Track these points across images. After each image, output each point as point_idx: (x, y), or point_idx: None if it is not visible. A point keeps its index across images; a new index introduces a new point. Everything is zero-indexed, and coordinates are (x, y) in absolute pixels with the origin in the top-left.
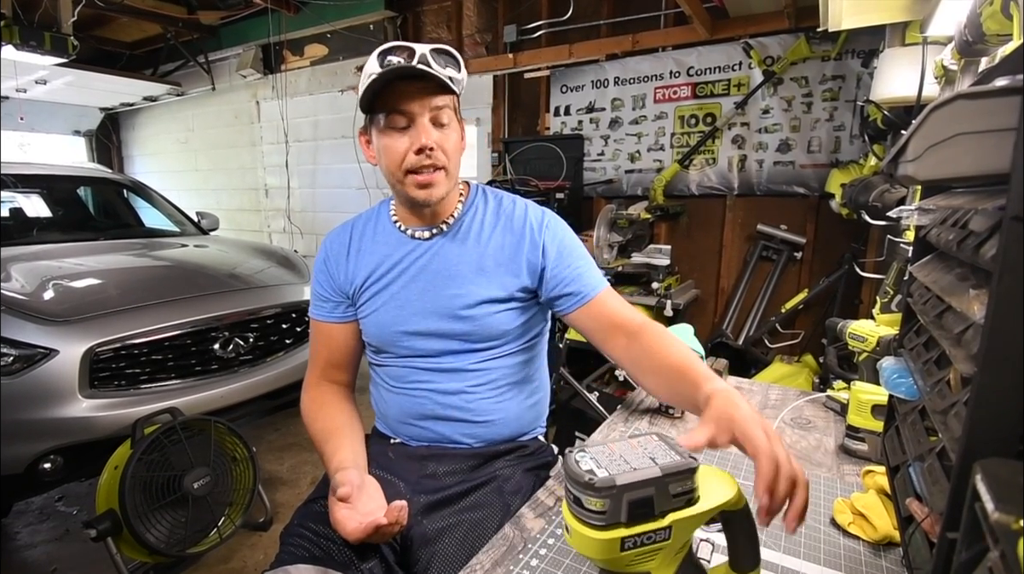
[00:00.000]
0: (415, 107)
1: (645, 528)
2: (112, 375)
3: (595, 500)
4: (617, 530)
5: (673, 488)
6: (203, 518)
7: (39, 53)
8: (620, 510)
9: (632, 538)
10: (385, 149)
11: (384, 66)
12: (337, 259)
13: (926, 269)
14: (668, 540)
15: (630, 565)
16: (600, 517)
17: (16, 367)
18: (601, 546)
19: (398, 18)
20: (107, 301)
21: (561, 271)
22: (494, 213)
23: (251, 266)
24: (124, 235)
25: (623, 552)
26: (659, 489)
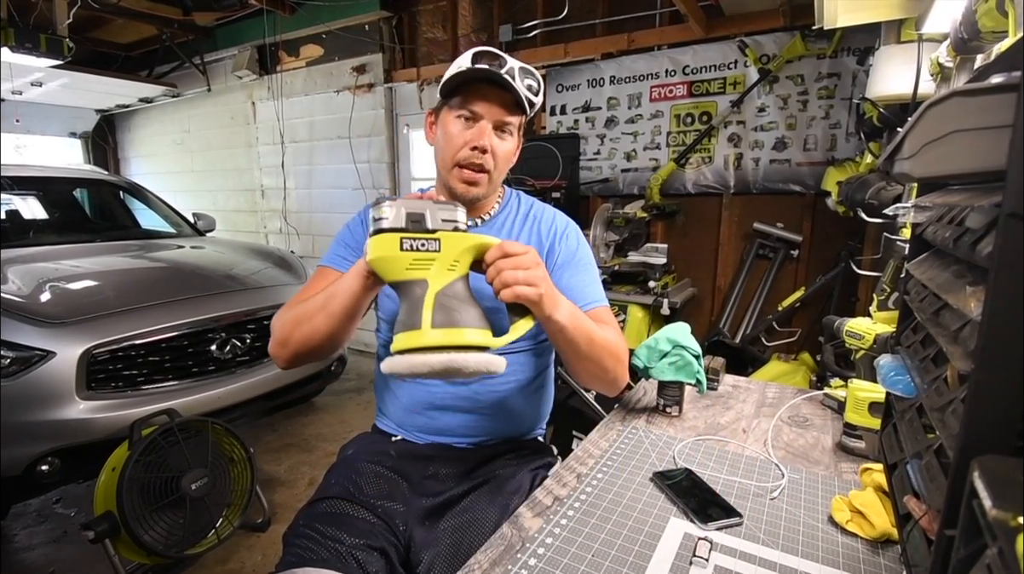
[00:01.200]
0: (485, 110)
1: (419, 235)
2: (109, 377)
3: (385, 210)
4: (398, 232)
5: (442, 215)
6: (201, 519)
7: (34, 55)
8: (401, 218)
9: (409, 240)
10: (446, 134)
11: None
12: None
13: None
14: (439, 251)
15: (411, 270)
16: (385, 221)
17: (13, 369)
18: (388, 242)
19: (393, 18)
20: (104, 303)
21: (561, 280)
22: (524, 216)
23: (248, 267)
24: (120, 237)
25: (403, 252)
26: (431, 212)
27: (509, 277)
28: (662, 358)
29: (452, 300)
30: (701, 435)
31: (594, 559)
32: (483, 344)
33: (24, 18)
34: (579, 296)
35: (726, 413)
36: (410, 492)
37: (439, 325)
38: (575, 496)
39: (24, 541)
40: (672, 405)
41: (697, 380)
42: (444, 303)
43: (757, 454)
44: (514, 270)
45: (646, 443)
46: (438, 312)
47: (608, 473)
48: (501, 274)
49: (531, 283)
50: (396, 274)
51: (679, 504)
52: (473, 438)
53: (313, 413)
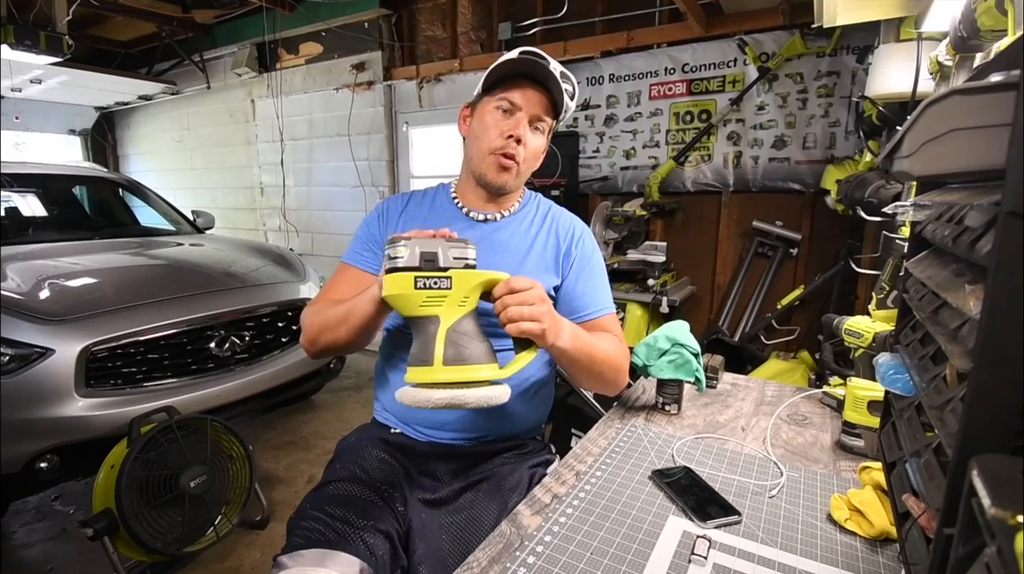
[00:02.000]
0: (524, 103)
1: (432, 274)
2: (108, 374)
3: (400, 249)
4: (412, 271)
5: (453, 253)
6: (200, 517)
7: (34, 52)
8: (415, 256)
9: (423, 279)
10: (483, 124)
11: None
12: (390, 216)
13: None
14: (450, 289)
15: (423, 307)
16: (400, 260)
17: (12, 366)
18: (402, 282)
19: (393, 16)
20: (103, 300)
21: (576, 285)
22: (543, 217)
23: (247, 264)
24: (120, 234)
25: (417, 290)
26: (443, 250)
27: (514, 313)
28: (661, 356)
29: (462, 337)
30: (700, 433)
31: (593, 557)
32: (490, 378)
33: (24, 15)
34: (590, 302)
35: (725, 411)
36: (407, 483)
37: (450, 362)
38: (574, 494)
39: (23, 538)
40: (671, 403)
41: (696, 378)
42: (454, 340)
43: (756, 452)
44: (519, 306)
45: (645, 441)
46: (449, 348)
47: (607, 471)
48: (507, 310)
49: (535, 319)
50: (410, 310)
51: (678, 502)
52: (472, 434)
53: (312, 411)
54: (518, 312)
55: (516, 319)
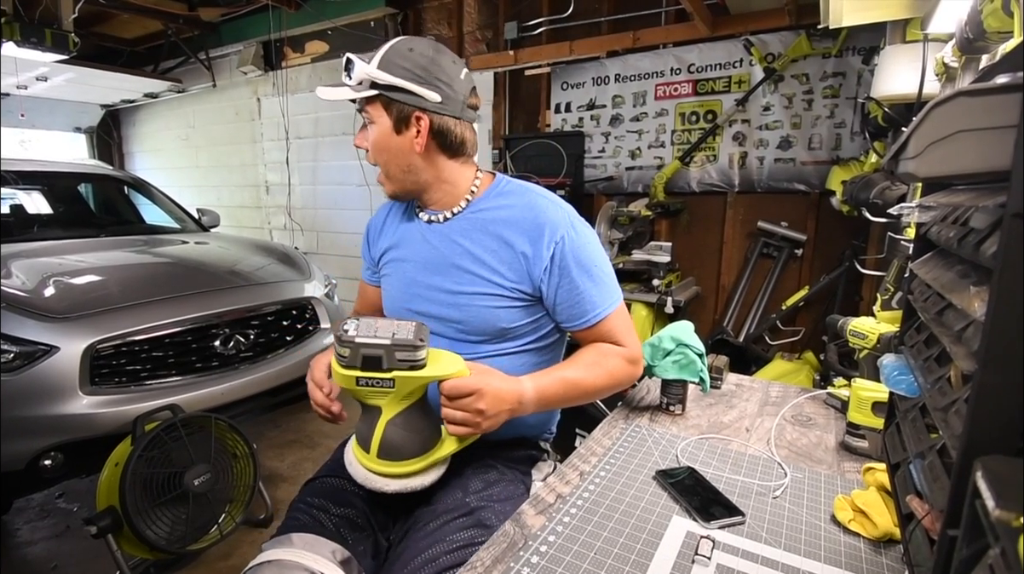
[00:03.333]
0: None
1: (373, 375)
2: (113, 372)
3: (342, 348)
4: (354, 371)
5: (400, 355)
6: (204, 515)
7: (40, 50)
8: (357, 358)
9: (365, 379)
10: None
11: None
12: (375, 228)
13: (927, 266)
14: (393, 389)
15: (368, 398)
16: (344, 359)
17: (17, 364)
18: (344, 378)
19: (399, 15)
20: (108, 298)
21: (561, 293)
22: (511, 207)
23: (252, 263)
24: (125, 232)
25: (359, 386)
26: (387, 354)
27: (449, 415)
28: (666, 356)
29: (398, 431)
30: (704, 434)
31: (596, 557)
32: (417, 469)
33: (30, 13)
34: (585, 308)
35: (729, 412)
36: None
37: (383, 454)
38: (578, 494)
39: (26, 536)
40: (675, 403)
41: (700, 379)
42: (390, 434)
43: (760, 453)
44: (454, 413)
45: (649, 441)
46: (384, 441)
47: (611, 471)
48: (444, 410)
49: (467, 425)
50: (357, 397)
51: (682, 502)
52: None
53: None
54: (451, 415)
55: (451, 421)
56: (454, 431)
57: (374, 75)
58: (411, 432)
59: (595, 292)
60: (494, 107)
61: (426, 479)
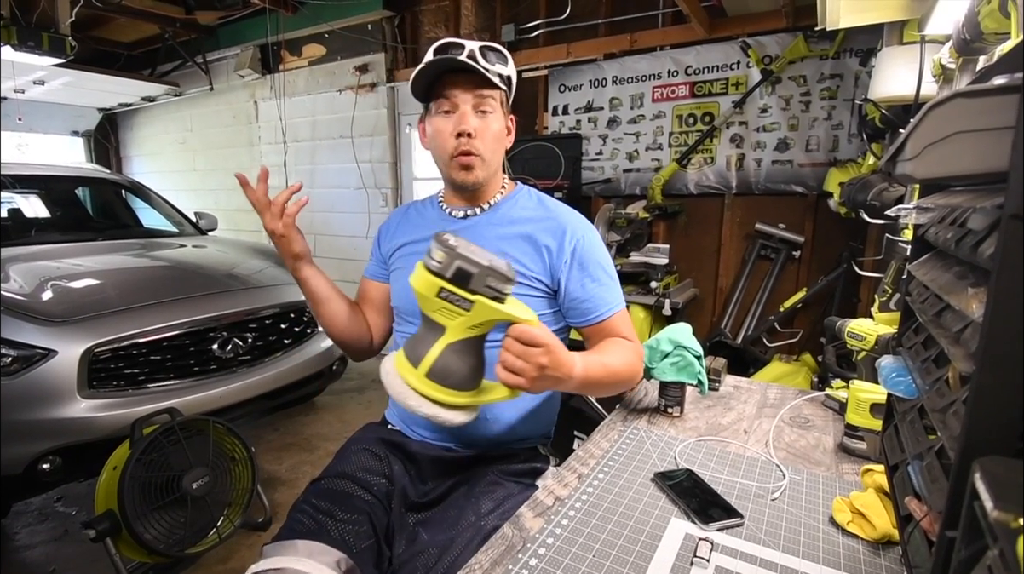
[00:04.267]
0: (459, 95)
1: (457, 291)
2: (111, 375)
3: (440, 254)
4: (440, 280)
5: (490, 281)
6: (202, 518)
7: (37, 54)
8: (449, 268)
9: (447, 292)
10: (436, 133)
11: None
12: (389, 227)
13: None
14: (468, 311)
15: (437, 312)
16: (436, 264)
17: (15, 368)
18: (426, 284)
19: (396, 18)
20: (106, 301)
21: (578, 288)
22: (534, 209)
23: (249, 266)
24: (122, 235)
25: (437, 298)
26: (480, 274)
27: (507, 360)
28: (663, 359)
29: (455, 358)
30: (702, 436)
31: (595, 559)
32: (456, 402)
33: (27, 16)
34: (598, 304)
35: (727, 414)
36: (399, 476)
37: (432, 375)
38: (576, 496)
39: (25, 539)
40: (673, 406)
41: (698, 381)
42: (447, 358)
43: (758, 455)
44: (515, 359)
45: (647, 444)
46: (439, 362)
47: (609, 473)
48: (505, 354)
49: (521, 374)
50: (424, 308)
51: (680, 505)
52: (464, 442)
53: (314, 412)
54: (510, 361)
55: (506, 366)
56: (506, 378)
57: (511, 75)
58: (466, 364)
59: (605, 291)
60: None
61: (459, 418)
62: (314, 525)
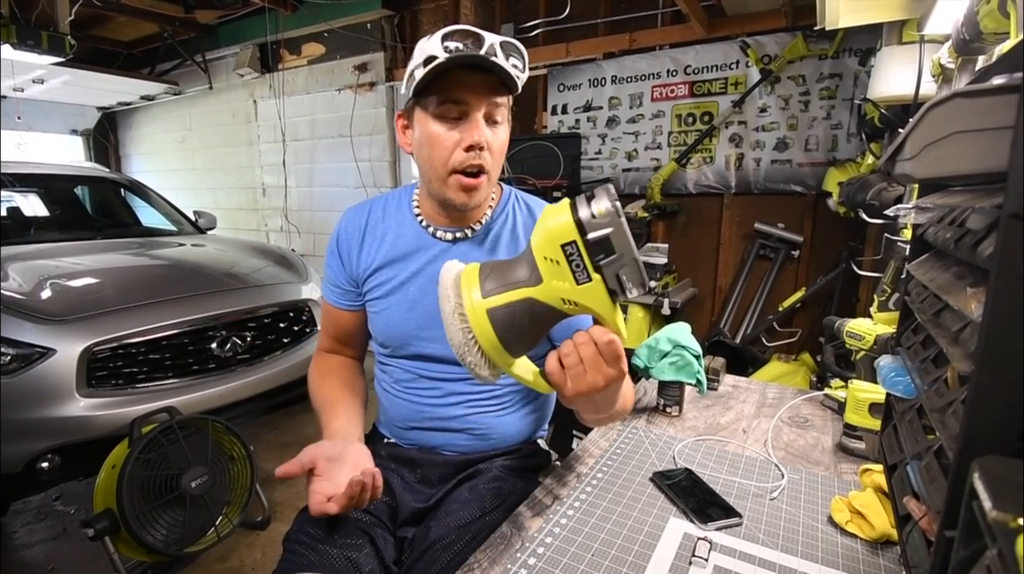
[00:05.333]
0: (472, 100)
1: (586, 257)
2: (110, 374)
3: (602, 208)
4: (579, 235)
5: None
6: (201, 517)
7: (36, 52)
8: (598, 230)
9: (575, 250)
10: (432, 139)
11: (447, 51)
12: (349, 244)
13: (923, 267)
14: (577, 285)
15: (545, 259)
16: (588, 218)
17: (14, 366)
18: (563, 227)
19: (395, 17)
20: (105, 300)
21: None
22: (524, 225)
23: (248, 265)
24: (121, 234)
25: (560, 247)
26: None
27: (571, 358)
28: (662, 358)
29: (526, 315)
30: (701, 435)
31: (594, 559)
32: (494, 358)
33: (26, 15)
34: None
35: (726, 413)
36: (400, 490)
37: (493, 319)
38: (575, 495)
39: (24, 538)
40: (672, 405)
41: (697, 380)
42: (518, 311)
43: (757, 454)
44: (579, 361)
45: (646, 443)
46: (506, 310)
47: (608, 473)
48: (570, 351)
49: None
50: (536, 244)
51: (679, 504)
52: (461, 450)
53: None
54: (573, 360)
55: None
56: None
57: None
58: (531, 329)
59: None
60: None
61: (488, 377)
62: (315, 556)
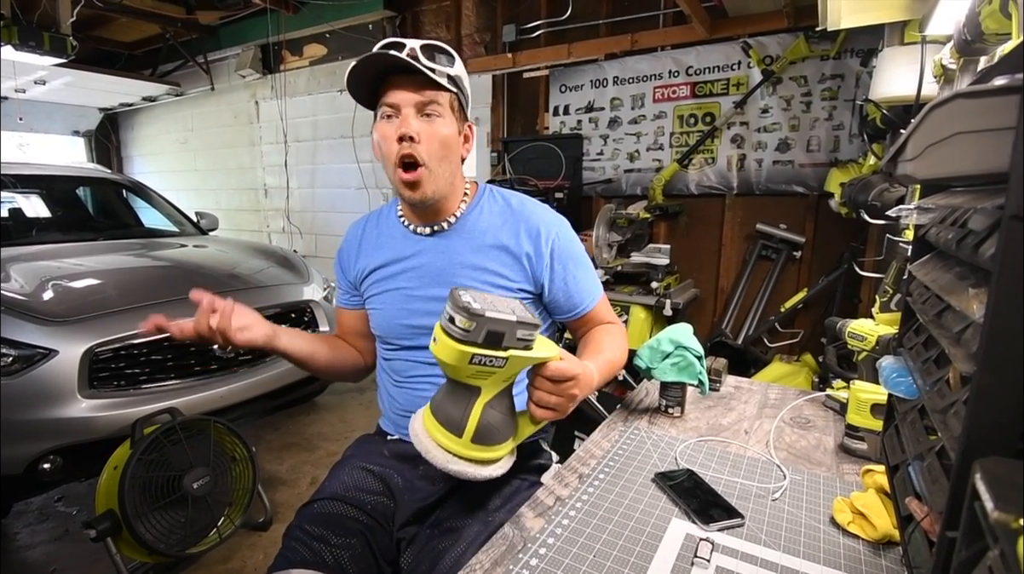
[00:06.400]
0: (400, 98)
1: (491, 353)
2: (111, 375)
3: (465, 321)
4: (472, 347)
5: (520, 333)
6: (202, 518)
7: (38, 53)
8: (480, 334)
9: (480, 356)
10: (380, 138)
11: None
12: (349, 252)
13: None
14: (502, 368)
15: (470, 377)
16: (464, 334)
17: (16, 367)
18: (458, 355)
19: (397, 18)
20: (106, 301)
21: (562, 286)
22: (501, 214)
23: (250, 266)
24: (123, 235)
25: (470, 365)
26: (511, 331)
27: (542, 398)
28: (664, 359)
29: (494, 414)
30: (703, 436)
31: (596, 560)
32: (502, 455)
33: (28, 16)
34: (583, 297)
35: (728, 414)
36: (402, 491)
37: (477, 439)
38: (577, 496)
39: (26, 539)
40: (674, 406)
41: (699, 381)
42: (487, 417)
43: (759, 455)
44: (549, 396)
45: (648, 444)
46: (480, 424)
47: (610, 474)
48: (538, 393)
49: (558, 410)
50: (454, 375)
51: (681, 505)
52: None
53: (315, 412)
54: (545, 399)
55: (542, 405)
56: (543, 415)
57: (459, 75)
58: (506, 415)
59: (586, 282)
60: (492, 110)
61: (508, 465)
62: (308, 553)
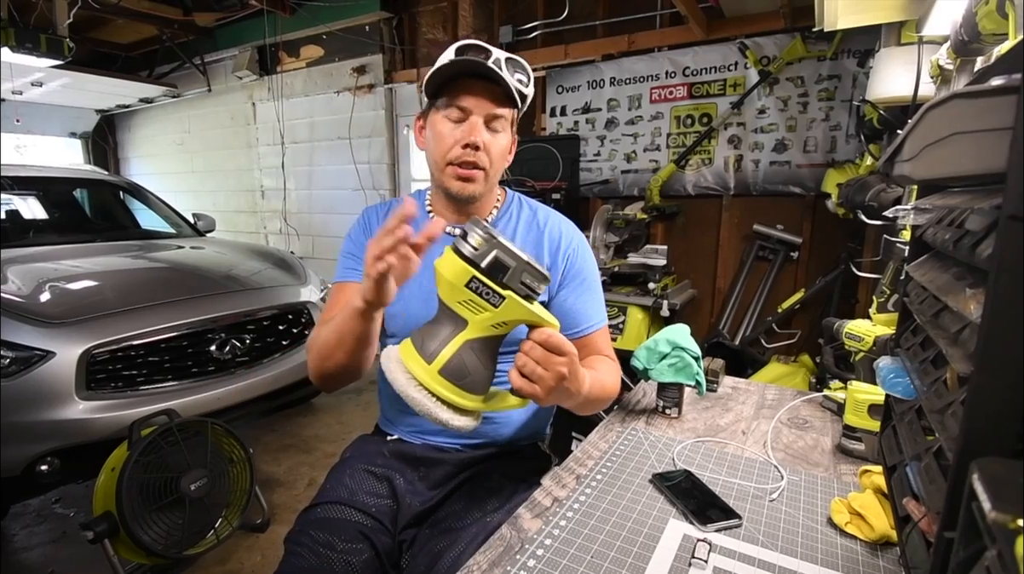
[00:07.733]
0: (473, 105)
1: (490, 283)
2: (109, 377)
3: (478, 239)
4: (473, 269)
5: (525, 278)
6: (200, 520)
7: (35, 55)
8: (485, 257)
9: (479, 283)
10: (437, 135)
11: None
12: (369, 227)
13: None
14: (496, 308)
15: (460, 304)
16: (472, 251)
17: (13, 369)
18: (458, 271)
19: (394, 19)
20: (104, 303)
21: (568, 300)
22: (527, 223)
23: (247, 268)
24: (120, 237)
25: (466, 287)
26: (517, 268)
27: (528, 368)
28: (661, 360)
29: (473, 356)
30: (700, 437)
31: (593, 560)
32: (469, 408)
33: (24, 18)
34: (586, 317)
35: (725, 415)
36: (404, 492)
37: (446, 374)
38: (574, 497)
39: (23, 541)
40: (671, 407)
41: (696, 382)
42: (464, 355)
43: (756, 456)
44: (535, 365)
45: (645, 444)
46: (454, 360)
47: (607, 474)
48: (525, 360)
49: (542, 385)
50: (446, 297)
51: (678, 505)
52: (467, 440)
53: (312, 414)
54: (530, 367)
55: (524, 372)
56: (522, 385)
57: (530, 94)
58: (482, 364)
59: (593, 304)
60: None
61: (466, 422)
62: (315, 559)
